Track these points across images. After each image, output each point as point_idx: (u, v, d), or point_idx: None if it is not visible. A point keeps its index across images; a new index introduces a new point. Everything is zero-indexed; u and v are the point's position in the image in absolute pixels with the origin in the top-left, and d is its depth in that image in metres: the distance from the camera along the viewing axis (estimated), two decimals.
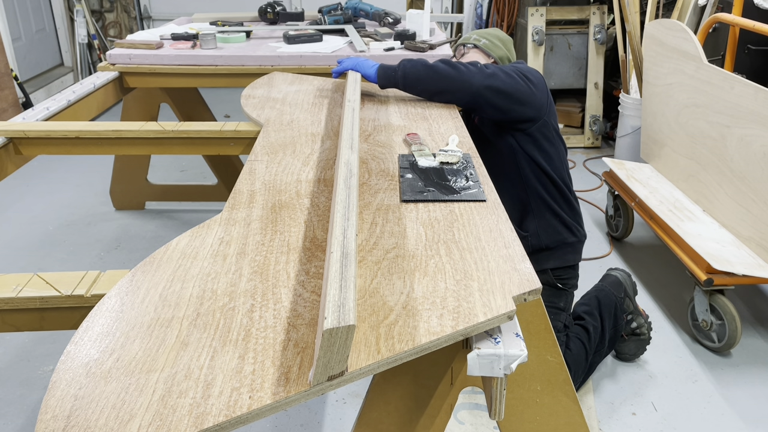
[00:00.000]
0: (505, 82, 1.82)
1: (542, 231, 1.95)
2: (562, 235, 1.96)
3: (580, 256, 2.03)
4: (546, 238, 1.95)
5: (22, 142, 1.92)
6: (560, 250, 1.97)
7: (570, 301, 2.03)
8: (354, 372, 0.85)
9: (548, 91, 1.95)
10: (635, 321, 2.15)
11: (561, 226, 1.96)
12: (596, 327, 2.05)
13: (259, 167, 1.50)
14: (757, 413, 1.97)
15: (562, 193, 1.96)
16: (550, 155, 1.93)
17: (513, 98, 1.83)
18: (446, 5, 5.43)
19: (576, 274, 2.04)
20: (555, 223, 1.95)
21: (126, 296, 1.01)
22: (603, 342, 2.06)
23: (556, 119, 1.98)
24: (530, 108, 1.87)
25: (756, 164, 2.21)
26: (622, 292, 2.13)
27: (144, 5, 5.75)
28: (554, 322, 1.96)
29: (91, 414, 0.78)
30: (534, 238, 1.96)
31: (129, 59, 2.52)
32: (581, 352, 2.00)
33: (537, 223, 1.95)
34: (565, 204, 1.97)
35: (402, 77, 1.90)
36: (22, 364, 2.21)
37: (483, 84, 1.80)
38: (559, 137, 1.98)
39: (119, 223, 3.23)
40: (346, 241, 0.95)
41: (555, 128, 1.96)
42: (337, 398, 2.03)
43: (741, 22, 2.64)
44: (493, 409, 1.00)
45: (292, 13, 3.15)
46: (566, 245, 1.97)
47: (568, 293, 2.02)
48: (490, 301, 0.98)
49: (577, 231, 1.99)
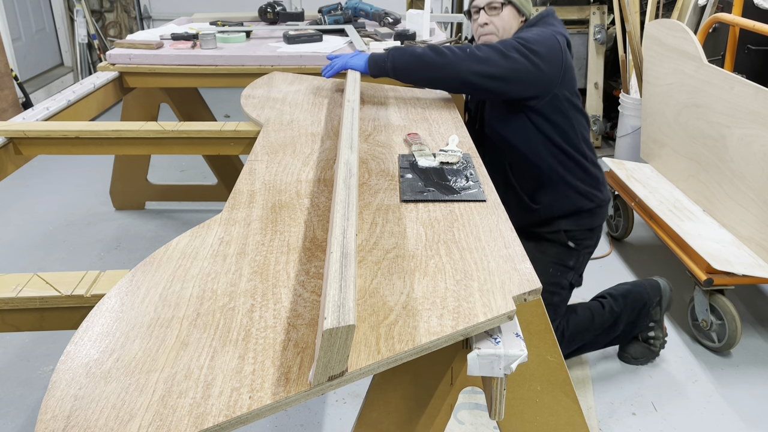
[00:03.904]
0: (499, 65, 1.73)
1: (555, 203, 1.90)
2: (576, 205, 1.90)
3: (599, 219, 1.96)
4: (559, 209, 1.90)
5: (22, 142, 1.92)
6: (574, 215, 1.92)
7: (582, 261, 1.97)
8: (354, 372, 0.85)
9: (564, 59, 1.82)
10: (654, 332, 2.13)
11: (576, 196, 1.90)
12: (614, 311, 2.02)
13: (259, 167, 1.50)
14: (757, 413, 1.97)
15: (578, 163, 1.88)
16: (563, 128, 1.85)
17: (508, 80, 1.74)
18: (446, 5, 5.42)
19: (594, 236, 1.97)
20: (570, 193, 1.89)
21: (126, 296, 1.01)
22: (613, 329, 2.04)
23: (572, 88, 1.87)
24: (533, 86, 1.78)
25: (756, 164, 2.20)
26: (657, 298, 2.10)
27: (144, 5, 5.75)
28: (560, 279, 1.93)
29: (91, 414, 0.78)
30: (546, 210, 1.91)
31: (129, 59, 2.51)
32: (585, 322, 1.98)
33: (550, 196, 1.90)
34: (582, 173, 1.90)
35: (392, 69, 1.85)
36: (22, 364, 2.21)
37: (471, 70, 1.73)
38: (574, 106, 1.87)
39: (119, 223, 3.23)
40: (346, 241, 0.95)
41: (569, 99, 1.85)
42: (337, 398, 2.03)
43: (741, 22, 2.64)
44: (493, 409, 1.00)
45: (292, 13, 3.15)
46: (581, 212, 1.91)
47: (580, 253, 1.95)
48: (490, 301, 0.98)
49: (594, 197, 1.92)
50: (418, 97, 2.07)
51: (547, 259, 1.93)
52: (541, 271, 1.90)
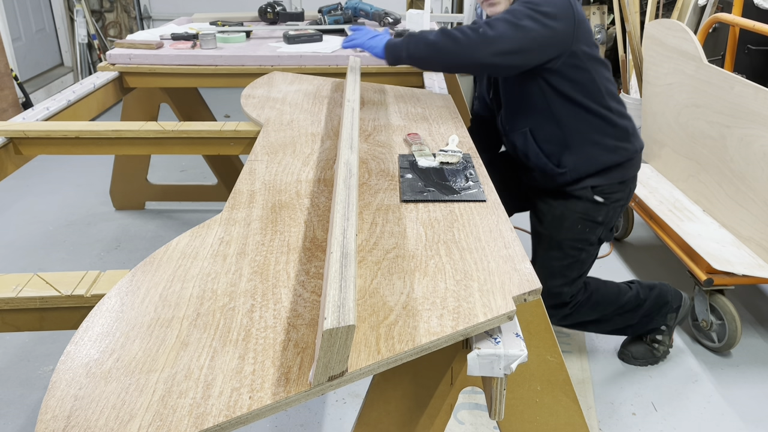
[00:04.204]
0: (513, 39, 1.66)
1: (581, 164, 1.83)
2: (604, 163, 1.83)
3: (631, 171, 1.89)
4: (585, 170, 1.83)
5: (22, 142, 1.92)
6: (603, 172, 1.85)
7: (612, 215, 1.90)
8: (354, 372, 0.85)
9: (575, 12, 1.74)
10: (662, 336, 2.13)
11: (604, 154, 1.83)
12: (639, 296, 2.02)
13: (259, 167, 1.50)
14: (757, 413, 1.97)
15: (604, 117, 1.81)
16: (583, 84, 1.79)
17: (526, 51, 1.69)
18: (446, 5, 5.42)
19: (626, 188, 1.89)
20: (596, 152, 1.83)
21: (126, 296, 1.01)
22: (632, 314, 2.03)
23: (588, 40, 1.80)
24: (550, 49, 1.71)
25: (756, 164, 2.20)
26: (677, 305, 2.10)
27: (144, 5, 5.75)
28: (588, 235, 1.88)
29: (91, 414, 0.78)
30: (572, 173, 1.84)
31: (129, 59, 2.51)
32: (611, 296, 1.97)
33: (576, 158, 1.83)
34: (609, 127, 1.83)
35: (407, 58, 1.81)
36: (22, 364, 2.21)
37: (489, 52, 1.67)
38: (592, 58, 1.79)
39: (119, 223, 3.23)
40: (346, 241, 0.95)
41: (586, 52, 1.78)
42: (337, 398, 2.03)
43: (741, 22, 2.64)
44: (493, 409, 1.00)
45: (292, 13, 3.15)
46: (610, 168, 1.84)
47: (609, 207, 1.87)
48: (490, 302, 0.98)
49: (623, 151, 1.84)
50: (418, 97, 2.07)
51: (576, 216, 1.87)
52: (569, 226, 1.88)
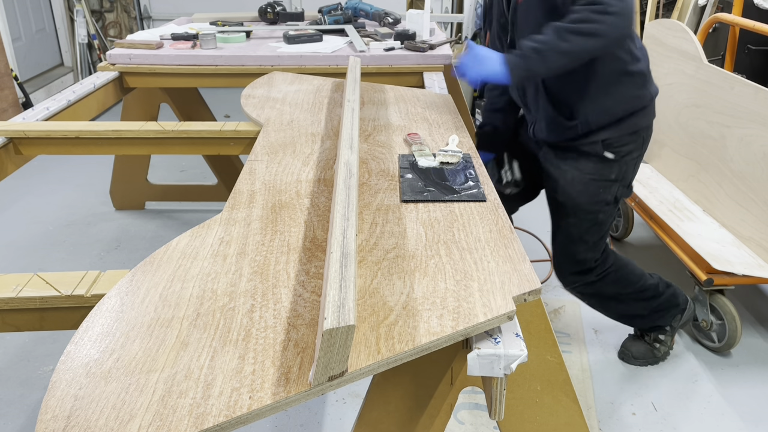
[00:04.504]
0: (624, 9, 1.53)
1: (592, 116, 1.73)
2: (616, 115, 1.73)
3: (644, 120, 1.77)
4: (597, 121, 1.74)
5: (22, 142, 1.92)
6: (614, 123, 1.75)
7: (627, 170, 1.81)
8: (354, 372, 0.85)
9: None
10: (665, 336, 2.13)
11: (618, 105, 1.73)
12: (657, 288, 2.00)
13: (259, 167, 1.50)
14: (757, 413, 1.97)
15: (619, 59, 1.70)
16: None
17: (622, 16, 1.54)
18: (446, 5, 5.42)
19: (638, 138, 1.78)
20: (609, 103, 1.73)
21: (126, 296, 1.01)
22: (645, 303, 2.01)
23: None
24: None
25: (756, 164, 2.21)
26: (683, 307, 2.09)
27: (144, 5, 5.75)
28: (604, 195, 1.80)
29: (91, 414, 0.78)
30: (583, 126, 1.75)
31: (129, 59, 2.52)
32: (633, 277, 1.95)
33: (587, 109, 1.73)
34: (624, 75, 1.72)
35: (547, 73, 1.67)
36: (22, 364, 2.21)
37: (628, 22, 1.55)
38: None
39: (119, 223, 3.23)
40: (346, 241, 0.95)
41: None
42: (337, 398, 2.03)
43: (741, 22, 2.64)
44: (493, 409, 1.00)
45: (292, 13, 3.15)
46: (622, 118, 1.74)
47: (621, 162, 1.78)
48: (490, 302, 0.98)
49: (637, 100, 1.74)
50: (418, 97, 2.07)
51: (587, 177, 1.79)
52: (582, 190, 1.80)
